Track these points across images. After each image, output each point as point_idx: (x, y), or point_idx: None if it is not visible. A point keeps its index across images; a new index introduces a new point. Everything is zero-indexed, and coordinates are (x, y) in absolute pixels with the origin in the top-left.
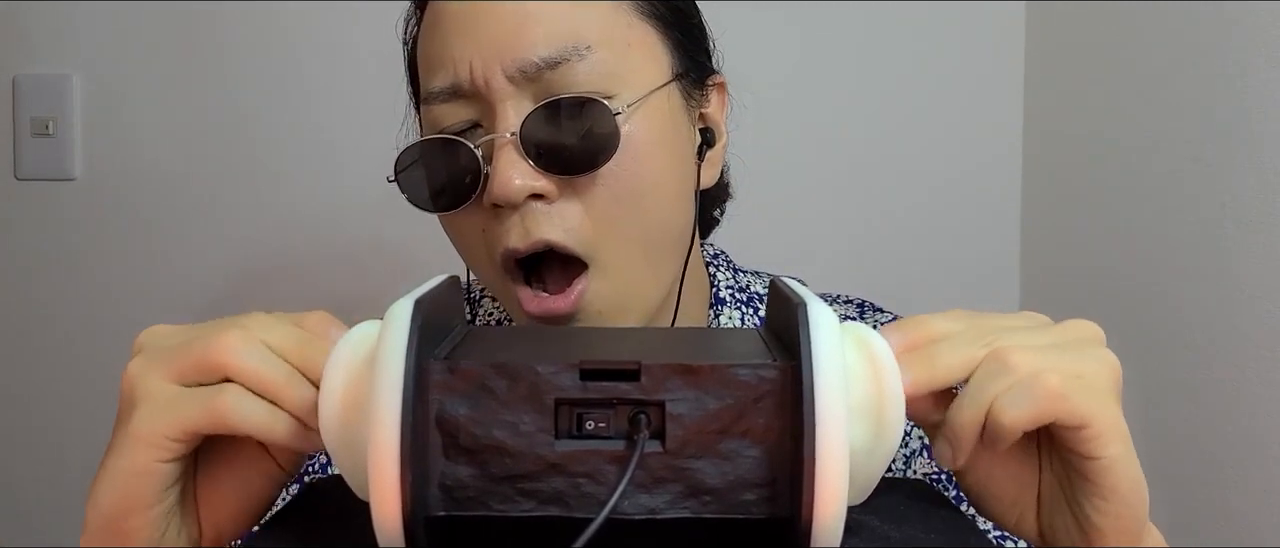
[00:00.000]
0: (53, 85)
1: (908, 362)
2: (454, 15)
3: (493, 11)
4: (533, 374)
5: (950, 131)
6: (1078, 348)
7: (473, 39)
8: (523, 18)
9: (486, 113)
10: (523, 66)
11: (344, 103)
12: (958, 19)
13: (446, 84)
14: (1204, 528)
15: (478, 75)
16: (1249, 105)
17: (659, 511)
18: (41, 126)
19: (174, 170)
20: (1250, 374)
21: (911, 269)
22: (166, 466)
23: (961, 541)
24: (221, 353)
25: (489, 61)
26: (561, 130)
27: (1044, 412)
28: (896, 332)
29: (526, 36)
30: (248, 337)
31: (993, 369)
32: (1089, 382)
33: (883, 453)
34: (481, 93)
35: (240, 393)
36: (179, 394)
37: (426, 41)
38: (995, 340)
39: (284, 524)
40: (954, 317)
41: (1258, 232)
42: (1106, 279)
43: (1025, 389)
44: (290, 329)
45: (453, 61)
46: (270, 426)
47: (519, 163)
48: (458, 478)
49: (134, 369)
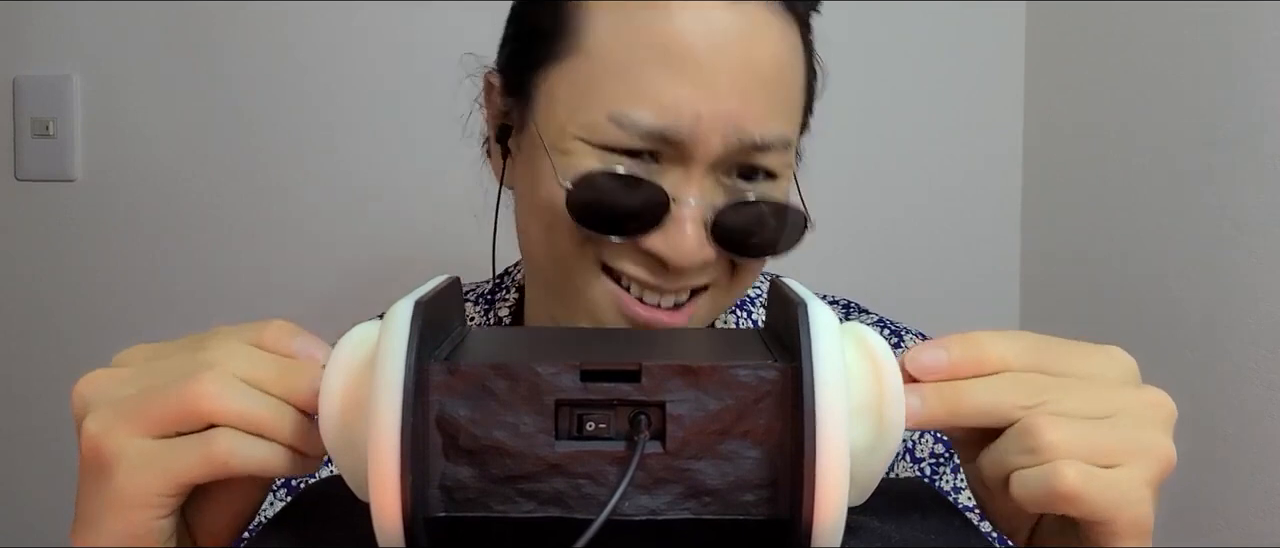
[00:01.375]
0: (53, 86)
1: (932, 392)
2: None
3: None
4: (533, 375)
5: (951, 131)
6: (1131, 429)
7: (707, 88)
8: (764, 81)
9: (677, 158)
10: (744, 139)
11: (344, 102)
12: (958, 19)
13: (656, 126)
14: (1204, 528)
15: (700, 136)
16: (1250, 105)
17: (659, 512)
18: (41, 127)
19: (174, 171)
20: (1251, 375)
21: (911, 269)
22: (163, 521)
23: (961, 541)
24: (203, 400)
25: (716, 124)
26: (751, 223)
27: (1055, 506)
28: (941, 350)
29: (755, 109)
30: (225, 378)
31: (1020, 441)
32: (1123, 474)
33: (883, 453)
34: (685, 145)
35: (234, 436)
36: (162, 449)
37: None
38: (1042, 401)
39: (284, 525)
40: (1016, 343)
41: (1258, 232)
42: (1107, 279)
43: (1042, 477)
44: (263, 359)
45: (676, 104)
46: (269, 463)
47: (703, 236)
48: (458, 479)
49: (96, 428)
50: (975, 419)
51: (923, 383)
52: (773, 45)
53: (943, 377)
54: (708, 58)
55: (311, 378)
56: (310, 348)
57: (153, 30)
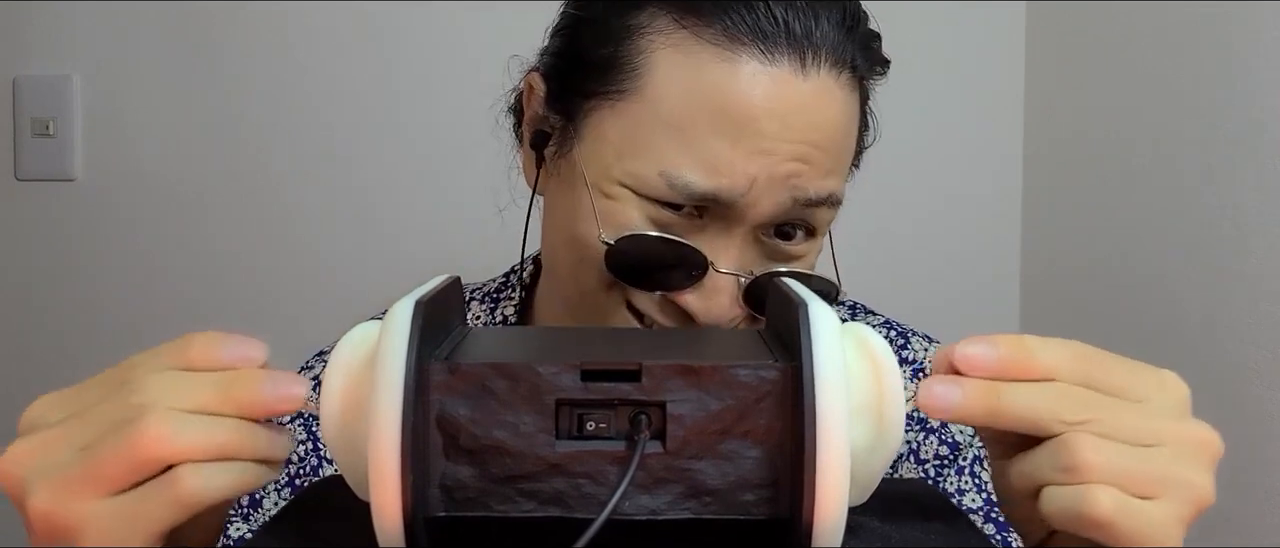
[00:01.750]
0: (53, 86)
1: (974, 387)
2: (756, 112)
3: (799, 127)
4: (533, 375)
5: (951, 131)
6: (1173, 463)
7: (765, 155)
8: (820, 147)
9: (723, 216)
10: (799, 198)
11: (344, 102)
12: (958, 19)
13: (707, 190)
14: (1204, 528)
15: (751, 200)
16: (1250, 106)
17: (660, 511)
18: (42, 127)
19: (174, 171)
20: (1251, 375)
21: (911, 270)
22: None
23: (961, 541)
24: (154, 446)
25: (770, 189)
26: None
27: (1083, 529)
28: (989, 347)
29: (816, 168)
30: (167, 415)
31: (1057, 457)
32: (1156, 507)
33: (884, 454)
34: (735, 207)
35: (196, 471)
36: (128, 503)
37: (690, 100)
38: (1085, 418)
39: (284, 524)
40: (1067, 353)
41: (1258, 232)
42: (1107, 280)
43: (1074, 499)
44: (199, 379)
45: (731, 168)
46: (243, 484)
47: (737, 299)
48: (458, 479)
49: (46, 504)
50: (1014, 424)
51: (965, 376)
52: (835, 112)
53: (988, 374)
54: (768, 125)
55: (256, 384)
56: (243, 351)
57: (153, 30)
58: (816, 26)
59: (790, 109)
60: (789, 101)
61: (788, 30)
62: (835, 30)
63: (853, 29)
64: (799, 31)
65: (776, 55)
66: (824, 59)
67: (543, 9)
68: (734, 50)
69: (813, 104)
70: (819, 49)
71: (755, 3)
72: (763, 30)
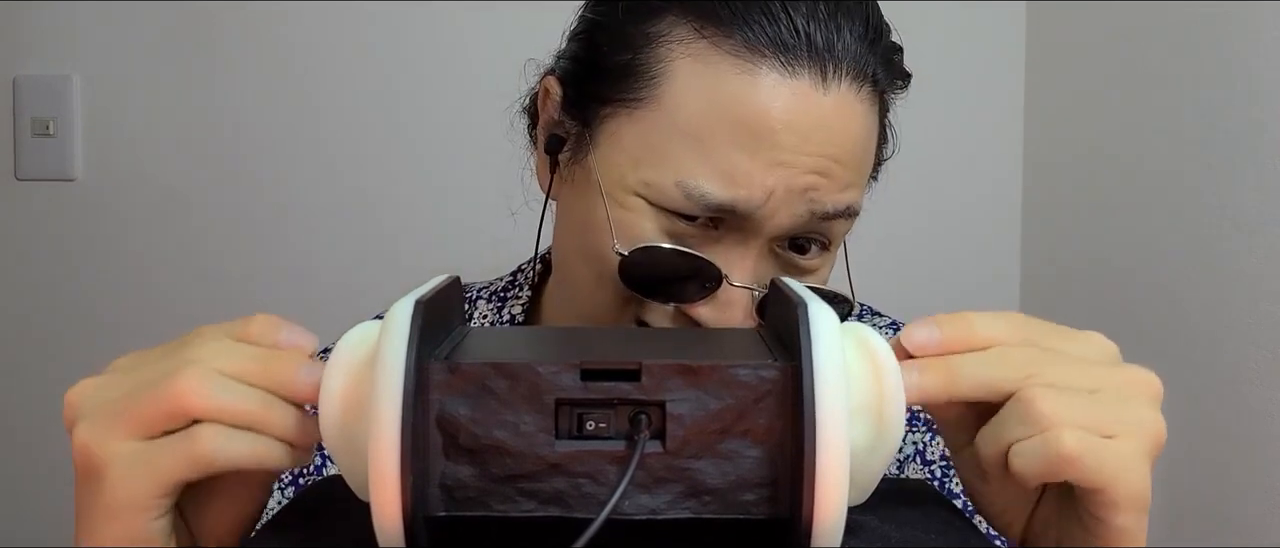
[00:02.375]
0: (53, 86)
1: (929, 365)
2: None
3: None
4: (533, 374)
5: (951, 131)
6: (1120, 402)
7: (783, 167)
8: (839, 160)
9: (739, 227)
10: (816, 211)
11: (344, 102)
12: (958, 19)
13: (723, 200)
14: (1204, 528)
15: (768, 212)
16: (1250, 106)
17: (659, 511)
18: (42, 127)
19: (174, 171)
20: (1251, 375)
21: (911, 270)
22: (159, 521)
23: (961, 541)
24: (183, 397)
25: (788, 201)
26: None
27: (1055, 473)
28: (935, 327)
29: (835, 182)
30: (206, 373)
31: (1016, 413)
32: (1118, 444)
33: (883, 453)
34: (752, 219)
35: (217, 431)
36: (148, 450)
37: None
38: (1033, 373)
39: (284, 524)
40: (1005, 322)
41: (1258, 232)
42: (1107, 280)
43: (1039, 446)
44: (246, 350)
45: (748, 180)
46: (259, 456)
47: (750, 311)
48: (458, 478)
49: (85, 436)
50: (972, 392)
51: (919, 359)
52: (855, 126)
53: (936, 353)
54: (787, 138)
55: (297, 367)
56: (295, 338)
57: (153, 30)
58: (839, 39)
59: (810, 122)
60: (809, 115)
61: (809, 42)
62: (857, 43)
63: (876, 42)
64: (821, 44)
65: (797, 68)
66: (845, 72)
67: (551, 9)
68: (754, 62)
69: (833, 117)
70: (840, 62)
71: (777, 14)
72: (784, 42)
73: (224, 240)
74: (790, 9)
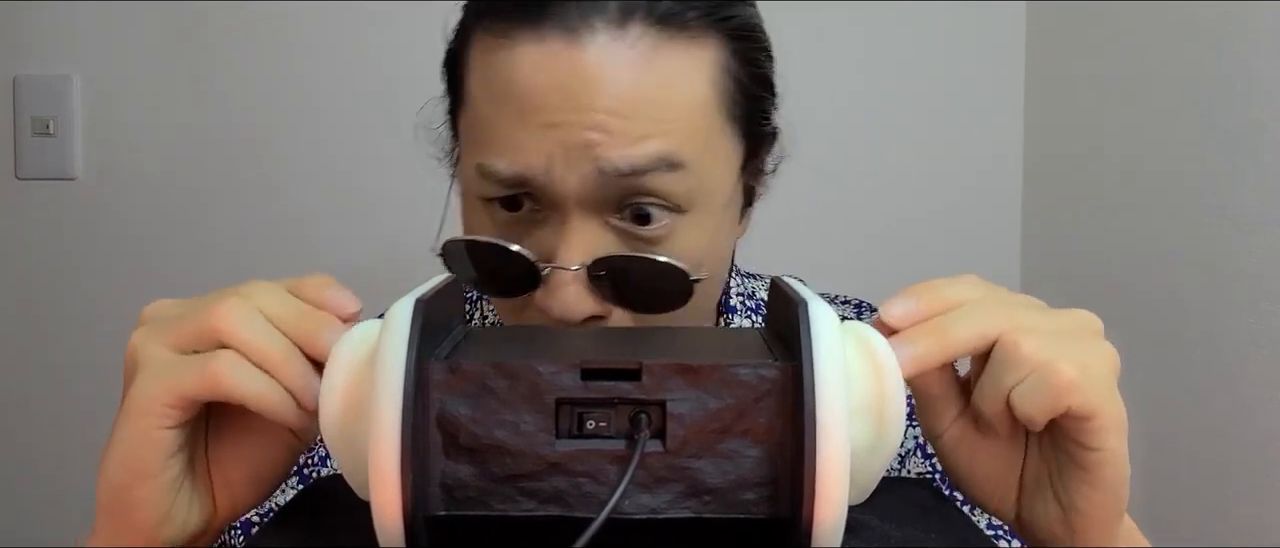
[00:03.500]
0: (53, 85)
1: (919, 333)
2: (534, 89)
3: (583, 96)
4: (533, 374)
5: (951, 132)
6: (1080, 338)
7: (555, 129)
8: (617, 112)
9: (551, 205)
10: (605, 168)
11: (344, 102)
12: (958, 20)
13: (511, 173)
14: (1204, 528)
15: (556, 178)
16: (1250, 106)
17: (660, 510)
18: (42, 126)
19: (174, 170)
20: (1251, 374)
21: (911, 270)
22: (168, 432)
23: (961, 540)
24: (217, 319)
25: (570, 163)
26: (632, 278)
27: (1060, 403)
28: (910, 299)
29: (619, 136)
30: (245, 306)
31: (1006, 359)
32: (1094, 372)
33: (883, 453)
34: (548, 190)
35: (235, 360)
36: (174, 361)
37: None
38: (1008, 318)
39: (285, 524)
40: (968, 283)
41: (1258, 232)
42: (1107, 280)
43: (1041, 381)
44: (289, 300)
45: (526, 148)
46: (264, 397)
47: (584, 294)
48: (458, 478)
49: (136, 339)
50: (967, 343)
51: (907, 330)
52: (628, 73)
53: (919, 321)
54: (552, 99)
55: (324, 326)
56: (340, 301)
57: (153, 30)
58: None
59: (570, 81)
60: (566, 73)
61: (548, 4)
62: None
63: None
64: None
65: (545, 31)
66: (597, 24)
67: None
68: (511, 35)
69: (596, 71)
70: (588, 16)
71: None
72: (528, 10)
73: (224, 240)
74: None
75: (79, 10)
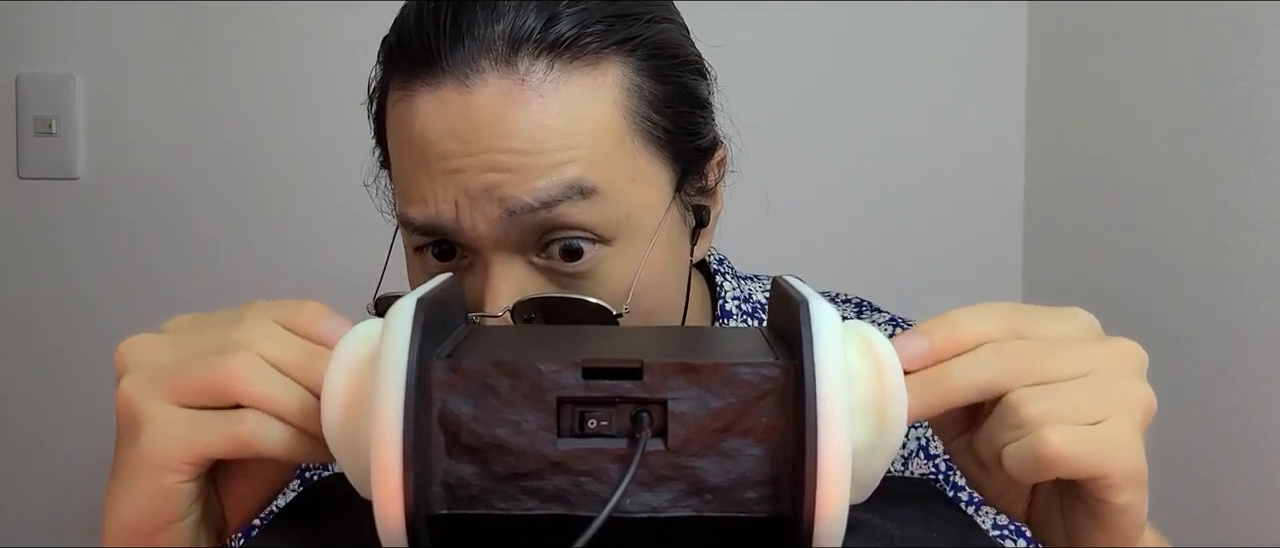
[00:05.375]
0: (55, 85)
1: (920, 384)
2: (434, 138)
3: (479, 140)
4: (535, 373)
5: (952, 132)
6: (1107, 384)
7: (457, 175)
8: (516, 150)
9: (475, 255)
10: (513, 207)
11: (345, 103)
12: (960, 20)
13: (424, 221)
14: (1204, 528)
15: (465, 225)
16: (1251, 106)
17: (661, 509)
18: (44, 126)
19: (176, 170)
20: (1251, 374)
21: (913, 270)
22: (186, 485)
23: (963, 540)
24: (232, 382)
25: (476, 207)
26: (558, 318)
27: (1044, 472)
28: (922, 338)
29: (521, 173)
30: (255, 362)
31: (1003, 418)
32: (1108, 427)
33: (885, 452)
34: (461, 236)
35: (260, 419)
36: (190, 419)
37: (401, 145)
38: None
39: (286, 524)
40: (988, 318)
41: (1258, 232)
42: (1108, 280)
43: (1028, 449)
44: (290, 342)
45: (433, 197)
46: (290, 447)
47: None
48: (460, 477)
49: (131, 389)
50: (965, 398)
51: (909, 376)
52: (527, 110)
53: (928, 362)
54: (449, 146)
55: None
56: (340, 333)
57: (156, 30)
58: (465, 38)
59: (463, 127)
60: (459, 120)
61: (438, 53)
62: (489, 28)
63: (518, 17)
64: (448, 49)
65: (439, 78)
66: (485, 65)
67: None
68: (411, 87)
69: (488, 113)
70: (476, 59)
71: (411, 38)
72: (418, 61)
73: (226, 239)
74: (420, 29)
75: (81, 10)
